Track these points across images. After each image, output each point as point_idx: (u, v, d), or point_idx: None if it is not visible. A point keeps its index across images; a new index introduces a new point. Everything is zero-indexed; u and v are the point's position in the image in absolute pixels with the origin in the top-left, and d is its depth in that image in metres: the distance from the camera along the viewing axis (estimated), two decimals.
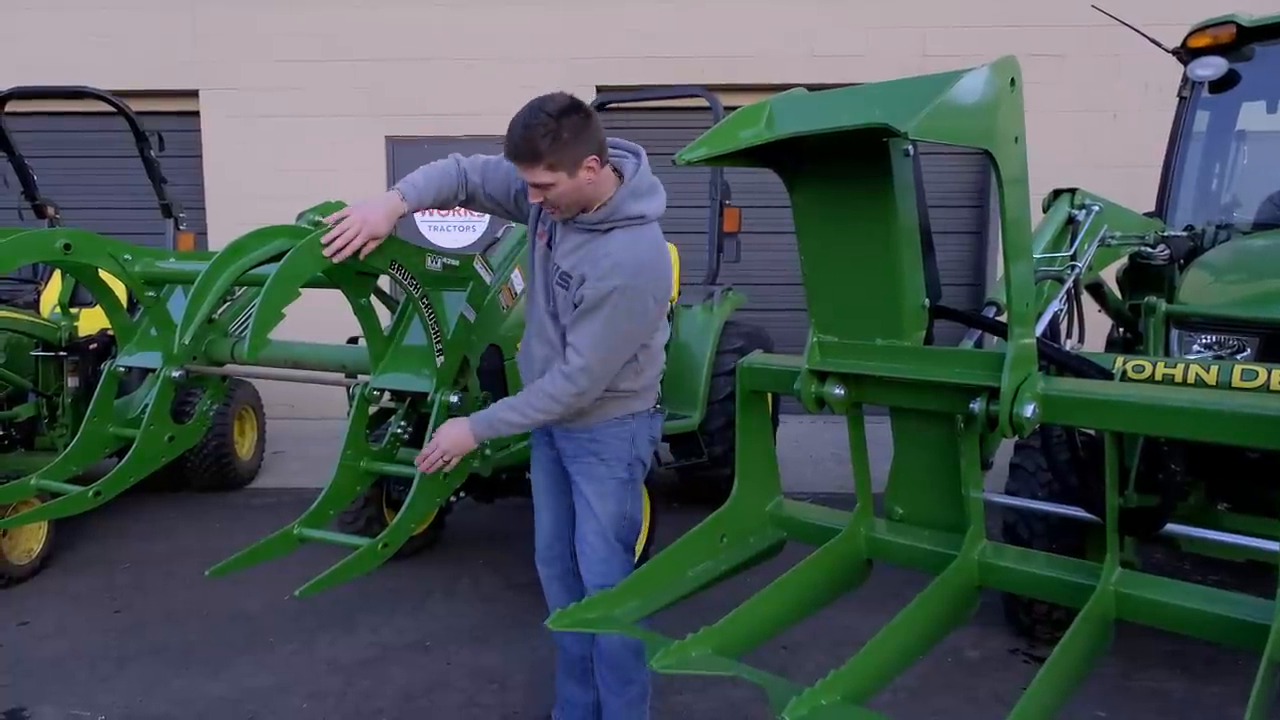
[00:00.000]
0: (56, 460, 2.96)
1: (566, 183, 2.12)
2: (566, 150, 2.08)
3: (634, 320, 2.20)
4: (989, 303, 2.72)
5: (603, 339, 2.16)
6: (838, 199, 1.86)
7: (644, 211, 2.22)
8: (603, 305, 2.14)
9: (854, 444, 2.17)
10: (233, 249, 2.21)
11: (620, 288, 2.13)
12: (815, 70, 6.86)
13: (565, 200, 2.16)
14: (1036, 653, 3.28)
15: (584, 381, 2.20)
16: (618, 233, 2.19)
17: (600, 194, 2.19)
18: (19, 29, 7.16)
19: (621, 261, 2.14)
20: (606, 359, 2.20)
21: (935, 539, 2.09)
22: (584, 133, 2.11)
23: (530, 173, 2.12)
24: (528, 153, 2.09)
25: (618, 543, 2.41)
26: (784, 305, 7.24)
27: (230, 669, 3.20)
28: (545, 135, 2.07)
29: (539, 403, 2.24)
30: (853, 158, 1.80)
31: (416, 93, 7.11)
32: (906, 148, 1.78)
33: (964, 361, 1.81)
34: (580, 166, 2.11)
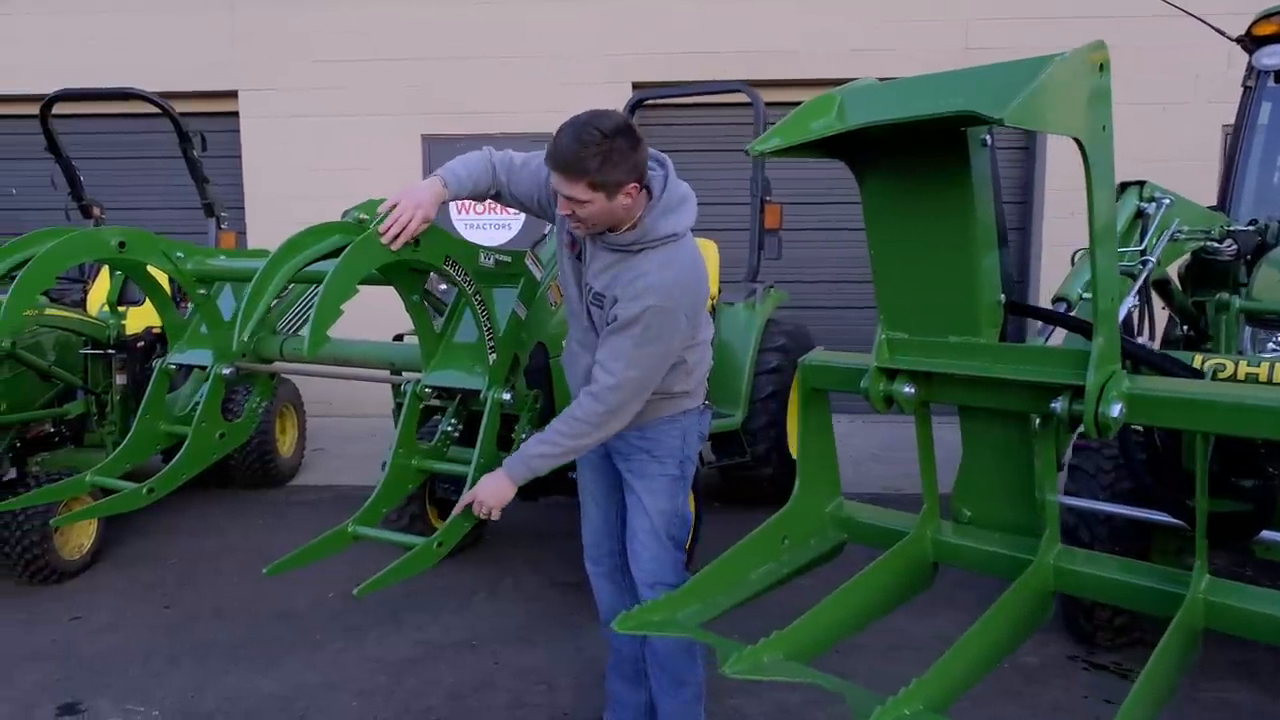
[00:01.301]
0: (110, 457, 2.98)
1: (602, 204, 2.07)
2: (612, 173, 2.03)
3: (665, 340, 2.16)
4: (1058, 299, 2.64)
5: (635, 359, 2.13)
6: (910, 192, 1.80)
7: (675, 229, 2.17)
8: (634, 325, 2.11)
9: (921, 443, 2.11)
10: (289, 246, 2.20)
11: (653, 308, 2.10)
12: (853, 65, 6.76)
13: (594, 219, 2.11)
14: (1096, 660, 3.19)
15: (614, 400, 2.16)
16: (650, 253, 2.15)
17: (632, 215, 2.14)
18: (59, 34, 7.27)
19: (653, 284, 2.11)
20: (638, 378, 2.17)
21: (1006, 542, 2.03)
22: (631, 157, 2.06)
23: (570, 187, 2.06)
24: (573, 168, 2.04)
25: (669, 540, 2.39)
26: (826, 303, 7.17)
27: (279, 666, 3.21)
28: (596, 155, 2.01)
29: (572, 429, 2.20)
30: (927, 149, 1.74)
31: (453, 91, 7.12)
32: (984, 137, 1.73)
33: (1045, 359, 1.74)
34: (620, 191, 2.07)
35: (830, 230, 7.19)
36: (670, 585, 2.34)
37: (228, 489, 5.14)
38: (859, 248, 7.25)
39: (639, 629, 1.79)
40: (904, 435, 5.69)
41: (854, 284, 7.26)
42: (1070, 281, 2.69)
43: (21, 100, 6.94)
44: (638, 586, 2.42)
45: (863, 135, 1.75)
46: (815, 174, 7.10)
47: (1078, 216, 2.01)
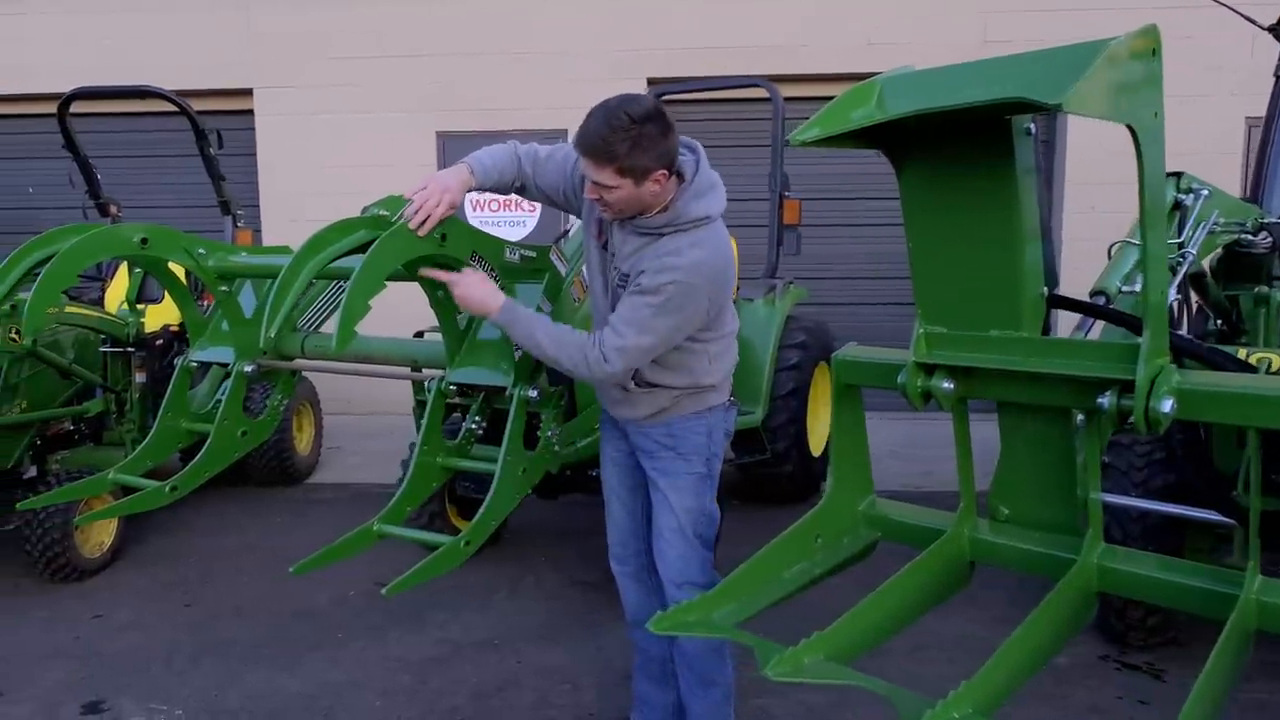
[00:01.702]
0: (132, 455, 2.96)
1: (630, 190, 2.05)
2: (640, 159, 2.01)
3: (684, 315, 2.13)
4: (1097, 292, 2.59)
5: (648, 325, 2.10)
6: (951, 182, 1.76)
7: (707, 212, 2.15)
8: (655, 293, 2.08)
9: (958, 440, 2.06)
10: (314, 242, 2.17)
11: (678, 282, 2.08)
12: (871, 59, 6.70)
13: (621, 205, 2.10)
14: (1129, 660, 3.14)
15: (618, 364, 2.12)
16: (680, 235, 2.12)
17: (661, 200, 2.12)
18: (75, 33, 7.28)
19: (681, 261, 2.09)
20: (646, 347, 2.13)
21: (1046, 541, 1.99)
22: (661, 144, 2.03)
23: (597, 172, 2.04)
24: (601, 152, 2.01)
25: (696, 538, 2.36)
26: (845, 299, 7.12)
27: (302, 665, 3.19)
28: (624, 140, 1.99)
29: (573, 354, 2.16)
30: (969, 138, 1.70)
31: (467, 88, 7.10)
32: (1028, 126, 1.69)
33: (1091, 353, 1.70)
34: (648, 177, 2.04)
35: (849, 226, 7.15)
36: (698, 585, 2.32)
37: (245, 487, 5.13)
38: (878, 243, 7.29)
39: (674, 630, 1.75)
40: (923, 432, 5.70)
41: (872, 280, 7.22)
42: (1108, 274, 2.65)
43: (38, 99, 6.95)
44: (665, 586, 2.38)
45: (902, 124, 1.71)
46: (833, 169, 7.07)
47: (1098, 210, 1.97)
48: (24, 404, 3.93)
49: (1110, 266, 2.70)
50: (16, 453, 3.96)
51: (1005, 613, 3.46)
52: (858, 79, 1.76)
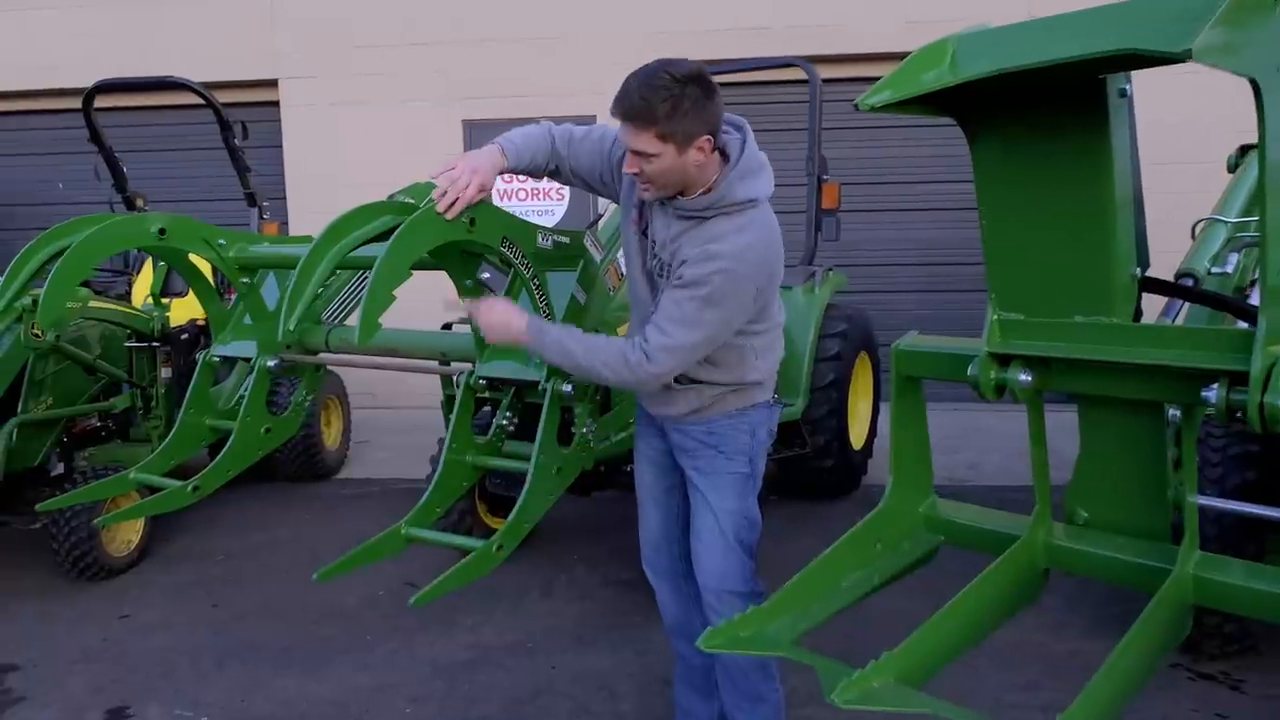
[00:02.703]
0: (154, 454, 2.87)
1: (672, 159, 1.89)
2: (683, 122, 1.85)
3: (732, 307, 1.97)
4: (1184, 274, 2.39)
5: (695, 320, 1.94)
6: (1034, 151, 1.59)
7: (754, 194, 1.99)
8: (700, 285, 1.92)
9: (1034, 436, 1.89)
10: (335, 228, 2.05)
11: (723, 270, 1.92)
12: (910, 38, 6.44)
13: (664, 178, 1.93)
14: (1202, 669, 2.94)
15: (665, 363, 1.97)
16: (724, 219, 1.97)
17: (704, 178, 1.96)
18: (99, 28, 7.24)
19: (726, 248, 1.93)
20: (694, 344, 1.98)
21: (1132, 548, 1.82)
22: (706, 108, 1.88)
23: (637, 138, 1.89)
24: (640, 114, 1.86)
25: (736, 543, 2.19)
26: (886, 287, 6.91)
27: (330, 668, 3.09)
28: (665, 100, 1.84)
29: (612, 362, 2.00)
30: (1056, 102, 1.52)
31: (494, 74, 6.97)
32: (1124, 87, 1.51)
33: (1196, 341, 1.52)
34: (692, 144, 1.89)
35: (890, 211, 6.93)
36: (738, 594, 2.15)
37: (273, 483, 5.05)
38: (920, 228, 7.00)
39: (727, 648, 1.61)
40: (964, 422, 5.49)
41: (914, 266, 7.00)
42: (1195, 255, 2.44)
43: (66, 95, 6.93)
44: (702, 594, 2.22)
45: (977, 88, 1.54)
46: (873, 152, 6.85)
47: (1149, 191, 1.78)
48: (50, 400, 3.87)
49: (1196, 246, 2.50)
50: (43, 450, 3.91)
51: (1063, 618, 3.28)
52: (896, 59, 1.60)
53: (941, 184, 6.81)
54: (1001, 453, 5.52)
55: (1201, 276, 2.33)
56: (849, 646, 2.91)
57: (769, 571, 3.77)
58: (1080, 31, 1.38)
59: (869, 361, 4.99)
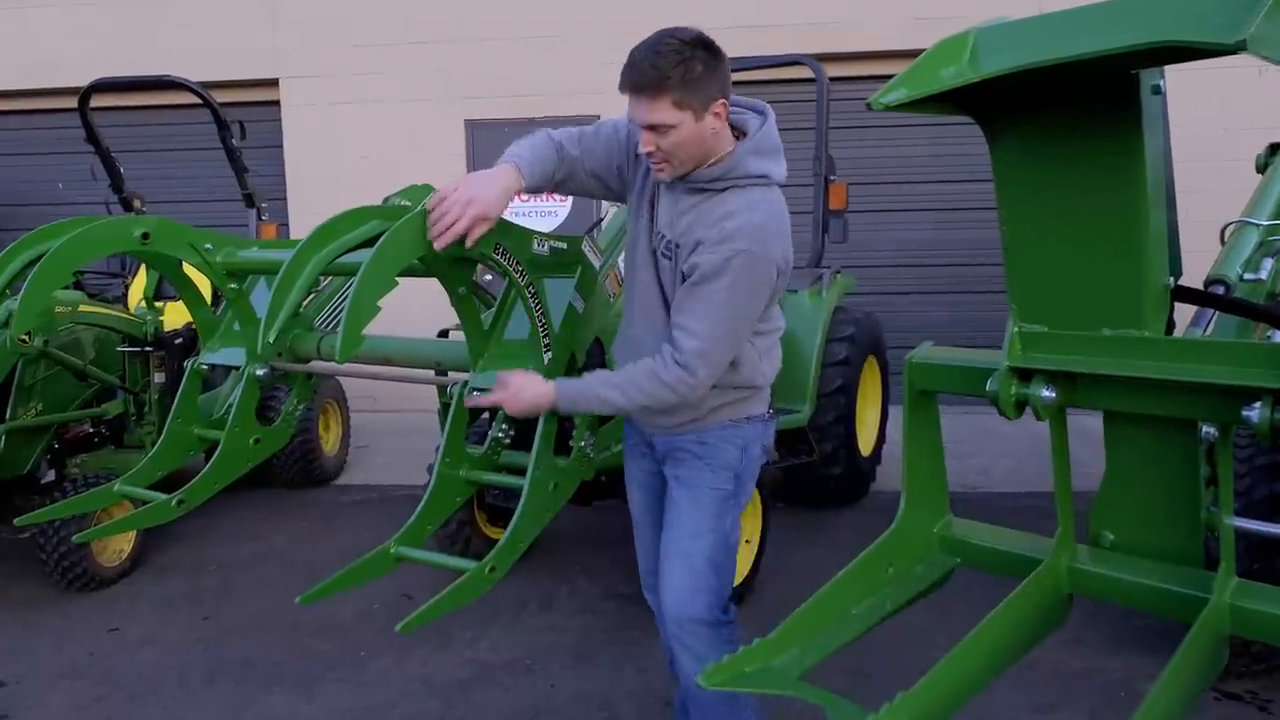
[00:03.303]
0: (140, 465, 2.78)
1: (690, 127, 1.79)
2: (698, 85, 1.76)
3: (757, 294, 1.86)
4: (1214, 280, 2.27)
5: (724, 316, 1.82)
6: (1060, 153, 1.48)
7: (767, 171, 1.88)
8: (723, 274, 1.79)
9: (1056, 454, 1.78)
10: (321, 233, 1.95)
11: (744, 253, 1.80)
12: (919, 35, 6.34)
13: (683, 151, 1.83)
14: (1228, 688, 2.82)
15: (702, 370, 1.85)
16: (737, 192, 1.86)
17: (719, 148, 1.87)
18: (99, 26, 7.17)
19: (743, 225, 1.81)
20: (726, 341, 1.86)
21: (1161, 573, 1.71)
22: (718, 69, 1.80)
23: (651, 109, 1.78)
24: (654, 82, 1.75)
25: (707, 565, 1.99)
26: (896, 290, 6.81)
27: (321, 687, 3.00)
28: (677, 64, 1.75)
29: (650, 388, 1.87)
30: (1083, 99, 1.41)
31: (495, 73, 6.87)
32: (1157, 83, 1.40)
33: (1235, 356, 1.41)
34: (709, 109, 1.79)
35: (898, 211, 6.82)
36: (703, 622, 1.97)
37: (270, 489, 4.97)
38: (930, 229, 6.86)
39: (730, 685, 1.50)
40: (973, 426, 5.36)
41: (924, 268, 6.88)
42: (1226, 260, 2.33)
43: (64, 94, 6.85)
44: (665, 620, 2.02)
45: (999, 85, 1.43)
46: (881, 151, 6.73)
47: None
48: (39, 406, 3.79)
49: (1226, 251, 2.38)
50: (33, 457, 3.82)
51: (1079, 633, 3.16)
52: (905, 57, 1.50)
53: (954, 184, 6.69)
54: (1013, 458, 5.40)
55: (1233, 283, 2.22)
56: (855, 665, 2.82)
57: (774, 582, 3.71)
58: (1112, 23, 1.27)
59: (877, 366, 4.88)
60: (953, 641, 1.60)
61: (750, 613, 3.31)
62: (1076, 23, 1.32)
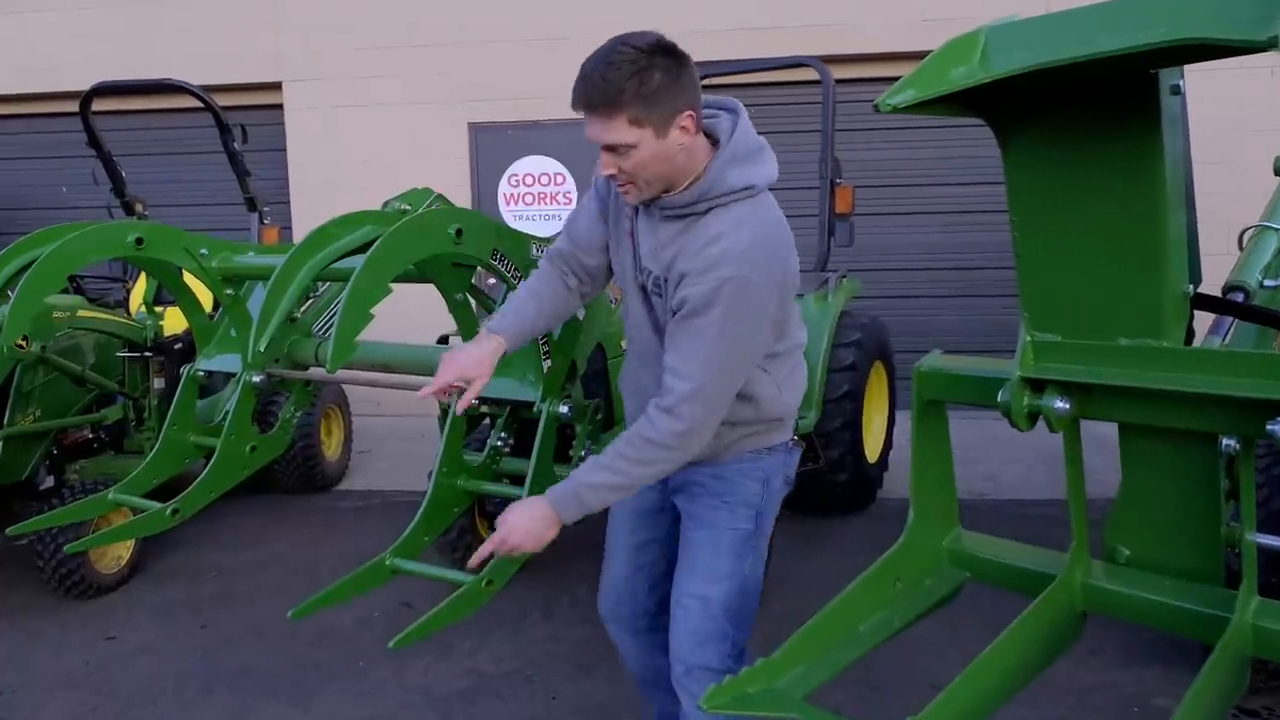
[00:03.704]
0: (135, 472, 2.75)
1: (652, 145, 1.61)
2: (657, 99, 1.58)
3: (754, 323, 1.67)
4: (1233, 287, 2.21)
5: (715, 353, 1.64)
6: (1074, 155, 1.42)
7: (751, 180, 1.70)
8: (712, 305, 1.62)
9: (1070, 467, 1.73)
10: (314, 239, 1.92)
11: (731, 280, 1.61)
12: (926, 37, 6.30)
13: (648, 171, 1.65)
14: (1244, 704, 2.75)
15: (694, 414, 1.66)
16: (720, 212, 1.69)
17: (693, 164, 1.68)
18: (103, 29, 7.16)
19: (729, 249, 1.63)
20: (724, 379, 1.68)
21: (1180, 591, 1.65)
22: (680, 79, 1.60)
23: (607, 127, 1.60)
24: (605, 97, 1.58)
25: (723, 614, 1.87)
26: (903, 294, 6.74)
27: (319, 698, 2.95)
28: (632, 75, 1.56)
29: (641, 454, 1.70)
30: (1100, 100, 1.36)
31: (498, 76, 6.83)
32: (1177, 83, 1.34)
33: (1259, 368, 1.35)
34: (672, 124, 1.61)
35: (904, 215, 6.76)
36: (712, 670, 1.84)
37: (271, 494, 4.93)
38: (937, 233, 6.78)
39: (733, 707, 1.45)
40: (980, 432, 5.28)
41: (931, 271, 6.82)
42: (1245, 266, 2.27)
43: (67, 97, 6.84)
44: (672, 662, 1.91)
45: (1010, 85, 1.38)
46: (887, 154, 6.67)
47: None
48: (38, 412, 3.76)
49: (1246, 256, 2.32)
50: (31, 463, 3.80)
51: (1091, 644, 3.10)
52: (911, 58, 1.44)
53: (962, 187, 6.63)
54: (1021, 464, 5.33)
55: (1253, 290, 2.16)
56: (863, 677, 2.77)
57: (779, 592, 3.65)
58: (1130, 20, 1.21)
59: (885, 371, 4.82)
60: (962, 654, 1.55)
61: (756, 623, 3.24)
62: (1093, 20, 1.27)
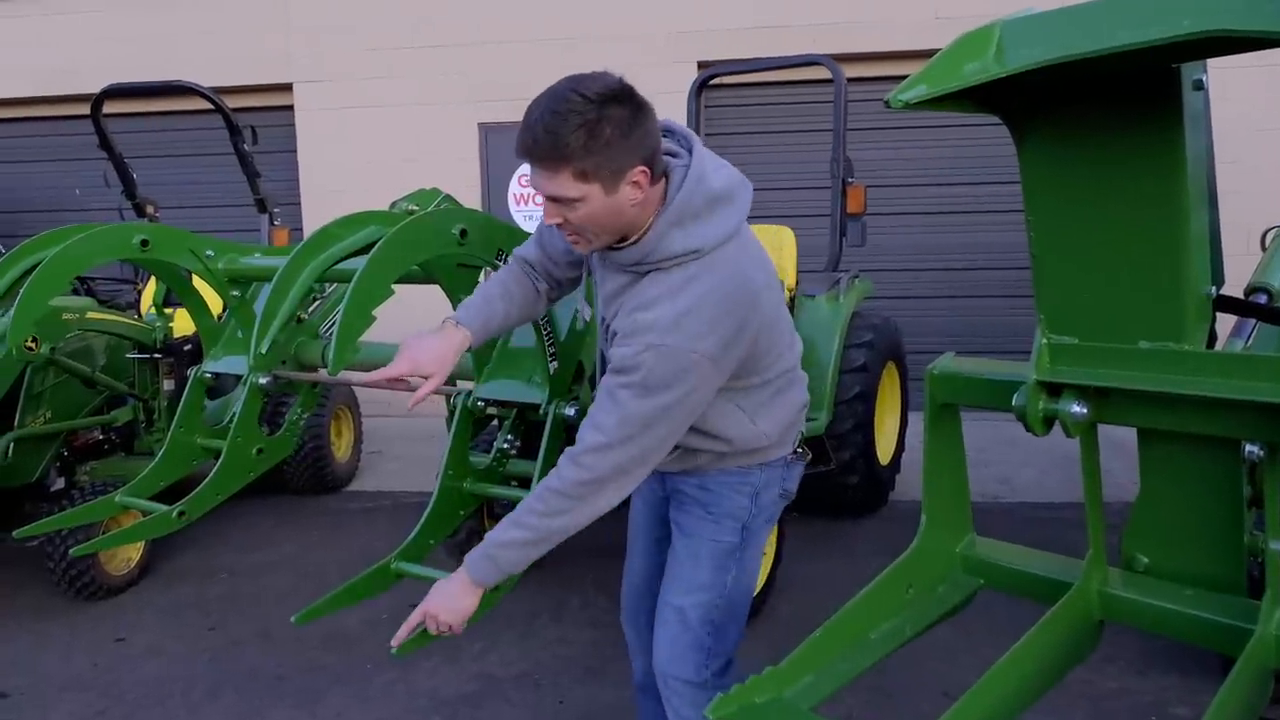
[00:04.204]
0: (142, 474, 2.74)
1: (600, 201, 1.50)
2: (607, 154, 1.46)
3: (680, 391, 1.53)
4: (1256, 289, 2.16)
5: (630, 418, 1.53)
6: (1093, 153, 1.38)
7: (696, 244, 1.55)
8: (632, 370, 1.52)
9: (1087, 473, 1.69)
10: (316, 240, 1.90)
11: (653, 347, 1.50)
12: (939, 35, 6.23)
13: (595, 225, 1.54)
14: (1270, 715, 2.69)
15: (599, 466, 1.56)
16: (657, 277, 1.57)
17: (646, 216, 1.56)
18: (115, 31, 7.20)
19: (658, 318, 1.52)
20: (638, 443, 1.56)
21: (1201, 601, 1.60)
22: (634, 132, 1.47)
23: (551, 181, 1.49)
24: (548, 152, 1.46)
25: (701, 625, 1.80)
26: (915, 294, 6.69)
27: (325, 700, 2.94)
28: (579, 127, 1.44)
29: (549, 506, 1.60)
30: (1119, 96, 1.32)
31: (510, 76, 6.81)
32: (1200, 78, 1.30)
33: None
34: (623, 179, 1.49)
35: (919, 215, 6.71)
36: (689, 683, 1.80)
37: (281, 495, 4.93)
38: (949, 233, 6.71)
39: (739, 717, 1.42)
40: (993, 434, 5.22)
41: (944, 272, 6.77)
42: (1268, 267, 2.22)
43: (81, 100, 6.88)
44: (655, 671, 1.87)
45: (1026, 81, 1.34)
46: (899, 153, 6.62)
47: None
48: (48, 414, 3.76)
49: (1269, 257, 2.27)
50: (42, 465, 3.80)
51: (1108, 651, 3.04)
52: (924, 57, 1.41)
53: (976, 186, 6.57)
54: (1035, 467, 5.27)
55: (1276, 292, 2.11)
56: (875, 683, 2.73)
57: (789, 595, 3.61)
58: (1151, 12, 1.17)
59: (897, 373, 4.78)
60: (976, 660, 1.51)
61: (764, 627, 3.22)
62: (1112, 13, 1.23)
